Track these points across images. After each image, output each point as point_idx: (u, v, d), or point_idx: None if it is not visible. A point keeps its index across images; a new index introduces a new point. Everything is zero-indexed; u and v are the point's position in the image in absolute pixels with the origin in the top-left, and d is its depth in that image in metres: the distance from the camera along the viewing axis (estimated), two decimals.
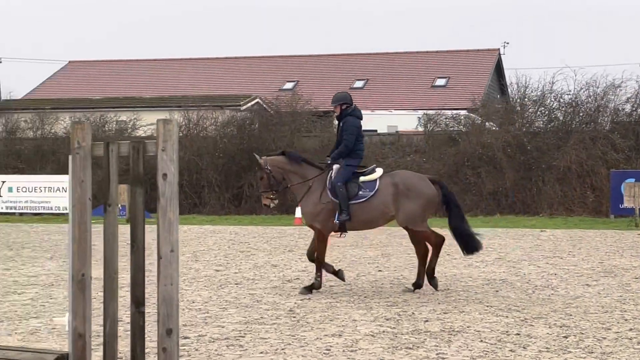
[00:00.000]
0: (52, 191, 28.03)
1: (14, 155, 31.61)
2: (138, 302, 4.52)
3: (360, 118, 11.67)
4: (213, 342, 8.04)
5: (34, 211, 28.27)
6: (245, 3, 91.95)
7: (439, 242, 11.20)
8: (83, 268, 4.55)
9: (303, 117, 30.89)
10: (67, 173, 16.55)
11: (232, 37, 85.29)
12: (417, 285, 11.23)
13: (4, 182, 28.71)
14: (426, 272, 11.21)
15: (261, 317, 9.32)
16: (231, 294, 11.13)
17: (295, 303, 10.30)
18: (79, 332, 4.47)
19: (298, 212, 24.74)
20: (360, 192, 11.19)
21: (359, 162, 11.55)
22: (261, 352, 7.57)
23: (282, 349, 7.68)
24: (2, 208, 28.54)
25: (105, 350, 4.57)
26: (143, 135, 31.92)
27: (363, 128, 11.76)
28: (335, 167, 11.35)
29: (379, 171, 11.45)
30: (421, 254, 11.29)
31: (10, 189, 28.53)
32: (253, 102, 35.39)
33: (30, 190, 28.33)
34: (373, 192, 11.15)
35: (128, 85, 41.67)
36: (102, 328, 5.39)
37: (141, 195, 4.62)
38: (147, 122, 32.70)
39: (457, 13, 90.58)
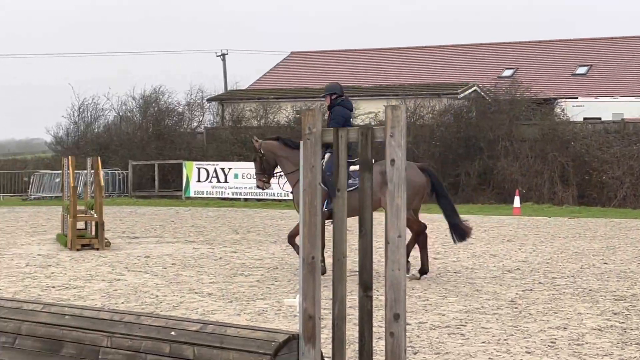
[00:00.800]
0: (276, 178, 29.00)
1: (239, 143, 32.95)
2: (366, 286, 4.58)
3: (350, 109, 11.92)
4: (434, 329, 8.03)
5: (257, 197, 29.38)
6: None
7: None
8: (313, 251, 4.65)
9: (522, 105, 30.17)
10: None
11: (449, 25, 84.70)
12: (423, 271, 11.34)
13: (230, 168, 30.06)
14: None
15: (482, 307, 9.21)
16: (450, 282, 11.08)
17: (516, 294, 10.10)
18: (309, 313, 4.58)
19: (517, 201, 24.27)
20: (350, 181, 11.28)
21: (351, 153, 11.43)
22: (483, 342, 7.48)
23: (505, 340, 7.56)
24: (228, 193, 29.90)
25: (334, 332, 4.67)
26: (361, 124, 32.37)
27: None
28: (327, 155, 11.38)
29: None
30: (421, 240, 11.41)
31: (235, 176, 29.84)
32: (471, 90, 34.95)
33: (254, 176, 29.45)
34: None
35: (346, 74, 42.35)
36: (327, 310, 5.52)
37: (369, 180, 4.67)
38: (365, 110, 33.12)
39: None
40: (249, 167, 29.97)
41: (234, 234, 18.08)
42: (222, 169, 30.07)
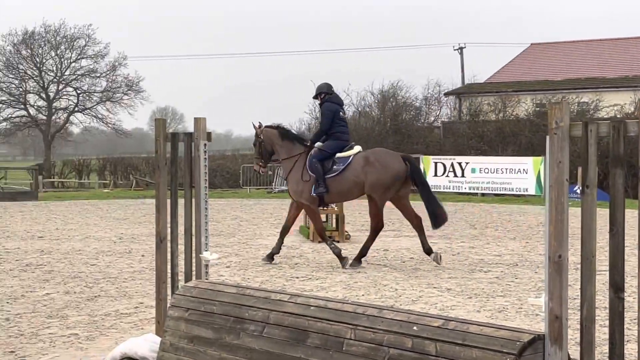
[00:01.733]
0: (514, 173, 28.44)
1: (477, 138, 32.65)
2: (617, 287, 4.37)
3: (339, 104, 12.61)
4: None
5: (495, 192, 28.95)
6: None
7: (418, 223, 12.12)
8: (560, 249, 4.50)
9: None
10: (528, 155, 17.00)
11: None
12: (361, 254, 12.15)
13: (467, 163, 29.81)
14: (423, 247, 12.07)
15: None
16: None
17: None
18: (555, 313, 4.44)
19: None
20: (334, 167, 12.13)
21: (342, 144, 12.27)
22: None
23: None
24: (465, 188, 29.67)
25: (582, 334, 4.49)
26: (605, 116, 31.08)
27: None
28: (318, 144, 12.30)
29: (357, 148, 12.33)
30: (373, 227, 12.06)
31: (473, 170, 29.54)
32: None
33: (492, 171, 29.05)
34: (345, 166, 12.06)
35: (589, 65, 40.80)
36: (573, 310, 5.32)
37: (621, 177, 4.45)
38: (609, 103, 31.76)
39: None
40: (487, 161, 29.66)
41: (472, 229, 17.91)
42: (459, 164, 29.86)
